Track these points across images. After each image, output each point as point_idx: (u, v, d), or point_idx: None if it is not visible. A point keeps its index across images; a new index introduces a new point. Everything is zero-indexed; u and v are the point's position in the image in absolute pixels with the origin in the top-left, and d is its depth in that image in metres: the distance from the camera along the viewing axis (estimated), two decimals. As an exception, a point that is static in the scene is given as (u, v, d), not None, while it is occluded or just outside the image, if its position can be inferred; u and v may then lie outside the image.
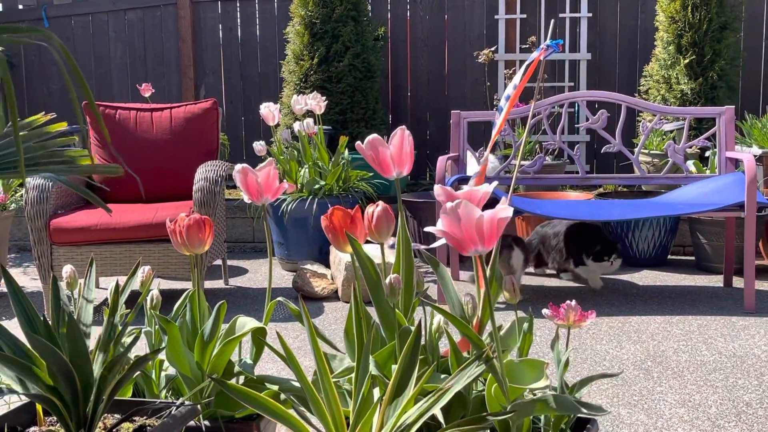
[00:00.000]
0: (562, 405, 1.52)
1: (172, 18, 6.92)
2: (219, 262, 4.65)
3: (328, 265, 4.57)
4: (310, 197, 4.71)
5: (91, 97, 0.99)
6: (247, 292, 4.46)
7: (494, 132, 2.07)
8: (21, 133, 1.51)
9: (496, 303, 2.04)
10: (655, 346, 3.31)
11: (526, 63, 2.09)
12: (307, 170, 4.83)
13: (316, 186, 4.75)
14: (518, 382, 1.61)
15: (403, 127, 1.73)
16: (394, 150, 1.71)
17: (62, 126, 1.49)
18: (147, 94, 5.41)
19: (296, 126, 4.92)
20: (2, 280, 4.55)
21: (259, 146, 4.96)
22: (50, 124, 1.49)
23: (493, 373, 1.51)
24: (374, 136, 1.73)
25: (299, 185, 4.81)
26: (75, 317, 1.73)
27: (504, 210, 1.33)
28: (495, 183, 1.54)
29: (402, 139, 1.71)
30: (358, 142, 1.74)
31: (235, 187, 6.55)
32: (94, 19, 7.11)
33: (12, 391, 1.64)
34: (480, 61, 5.87)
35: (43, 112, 1.53)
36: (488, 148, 1.99)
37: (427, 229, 1.42)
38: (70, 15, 7.09)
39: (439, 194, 1.50)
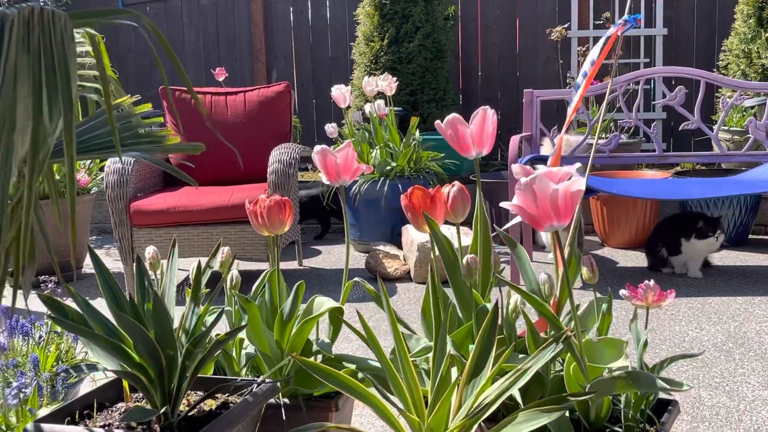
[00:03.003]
0: (644, 382, 1.50)
1: (245, 2, 7.00)
2: (293, 243, 4.72)
3: (400, 246, 4.58)
4: (382, 179, 4.73)
5: (187, 80, 1.01)
6: (321, 273, 4.51)
7: (570, 110, 2.03)
8: (105, 117, 1.56)
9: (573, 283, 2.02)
10: (737, 327, 3.22)
11: (603, 38, 2.05)
12: (378, 152, 4.84)
13: (388, 167, 4.76)
14: (597, 362, 1.59)
15: (486, 107, 1.72)
16: (475, 129, 1.71)
17: (147, 107, 1.54)
18: (221, 79, 5.49)
19: (367, 107, 4.93)
20: (85, 261, 4.71)
21: (330, 128, 5.00)
22: (135, 105, 1.53)
23: (572, 353, 1.50)
24: (454, 115, 1.73)
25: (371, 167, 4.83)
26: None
27: (577, 182, 1.32)
28: (578, 164, 1.52)
29: (484, 119, 1.70)
30: (438, 122, 1.74)
31: (306, 169, 6.61)
32: (168, 5, 7.24)
33: (101, 368, 1.70)
34: (552, 38, 5.78)
35: (129, 95, 1.58)
36: (564, 127, 1.96)
37: (502, 204, 1.42)
38: (145, 2, 7.24)
39: (517, 173, 1.49)
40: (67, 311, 1.69)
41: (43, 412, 1.94)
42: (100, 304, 1.73)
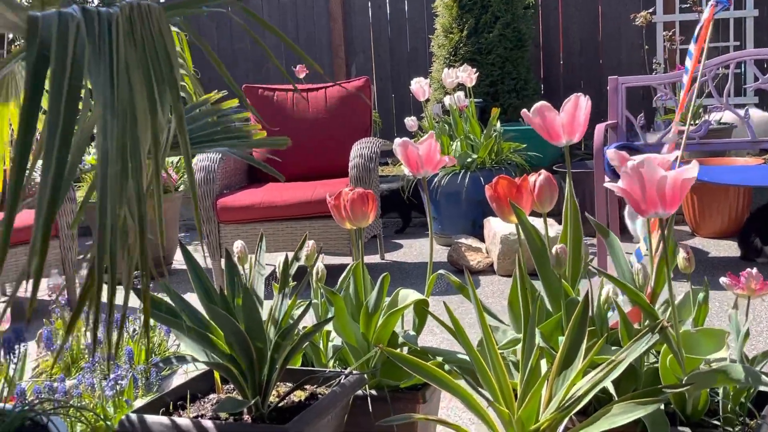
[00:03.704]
0: (747, 376, 1.44)
1: (323, -1, 7.06)
2: (375, 237, 4.73)
3: (482, 239, 4.55)
4: (463, 171, 4.70)
5: (277, 63, 1.02)
6: (403, 267, 4.52)
7: (677, 108, 1.98)
8: (195, 112, 1.59)
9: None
10: (839, 319, 3.08)
11: (699, 25, 1.99)
12: (458, 144, 4.81)
13: (469, 160, 4.72)
14: (695, 353, 1.54)
15: (579, 94, 1.69)
16: (566, 116, 1.67)
17: (234, 103, 1.56)
18: (302, 75, 5.55)
19: (447, 100, 4.91)
20: (174, 258, 4.83)
21: (410, 122, 4.99)
22: (222, 101, 1.56)
23: (668, 344, 1.45)
24: (542, 103, 1.70)
25: (452, 159, 4.81)
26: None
27: (689, 170, 1.27)
28: (677, 152, 1.47)
29: (576, 106, 1.67)
30: (524, 110, 1.71)
31: (386, 163, 6.63)
32: (248, 4, 7.36)
33: (194, 360, 1.73)
34: (637, 24, 5.63)
35: (216, 90, 1.60)
36: (676, 118, 1.91)
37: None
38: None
39: (612, 158, 1.45)
40: (161, 305, 1.73)
41: (138, 403, 1.99)
42: (191, 299, 1.76)
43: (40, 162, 0.82)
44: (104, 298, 1.02)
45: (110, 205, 0.86)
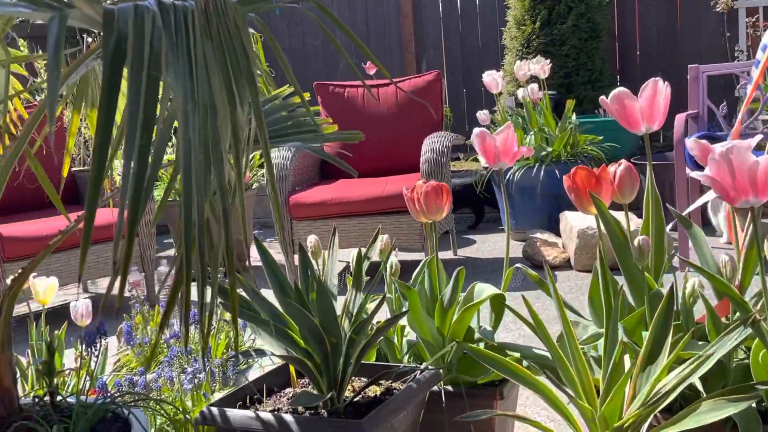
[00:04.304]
0: None
1: (393, -5, 7.05)
2: (447, 233, 4.69)
3: (557, 234, 4.46)
4: (537, 164, 4.62)
5: (346, 56, 1.01)
6: (476, 262, 4.47)
7: (750, 88, 1.90)
8: (267, 107, 1.59)
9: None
10: None
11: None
12: (532, 137, 4.74)
13: (543, 153, 4.65)
14: (789, 350, 1.47)
15: (658, 79, 1.63)
16: (645, 102, 1.62)
17: (305, 97, 1.55)
18: (372, 72, 5.55)
19: (520, 92, 4.84)
20: (249, 254, 4.88)
21: (482, 115, 4.93)
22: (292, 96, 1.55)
23: (761, 338, 1.39)
24: (621, 89, 1.64)
25: (525, 153, 4.73)
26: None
27: (784, 155, 1.21)
28: (759, 136, 1.40)
29: (655, 91, 1.61)
30: (602, 97, 1.66)
31: (458, 158, 6.58)
32: (318, 1, 7.40)
33: (269, 354, 1.73)
34: (717, 10, 5.45)
35: (287, 85, 1.60)
36: (743, 107, 1.83)
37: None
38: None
39: (691, 148, 1.39)
40: (246, 302, 1.74)
41: (216, 396, 2.01)
42: (265, 294, 1.77)
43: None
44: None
45: (196, 198, 0.85)
